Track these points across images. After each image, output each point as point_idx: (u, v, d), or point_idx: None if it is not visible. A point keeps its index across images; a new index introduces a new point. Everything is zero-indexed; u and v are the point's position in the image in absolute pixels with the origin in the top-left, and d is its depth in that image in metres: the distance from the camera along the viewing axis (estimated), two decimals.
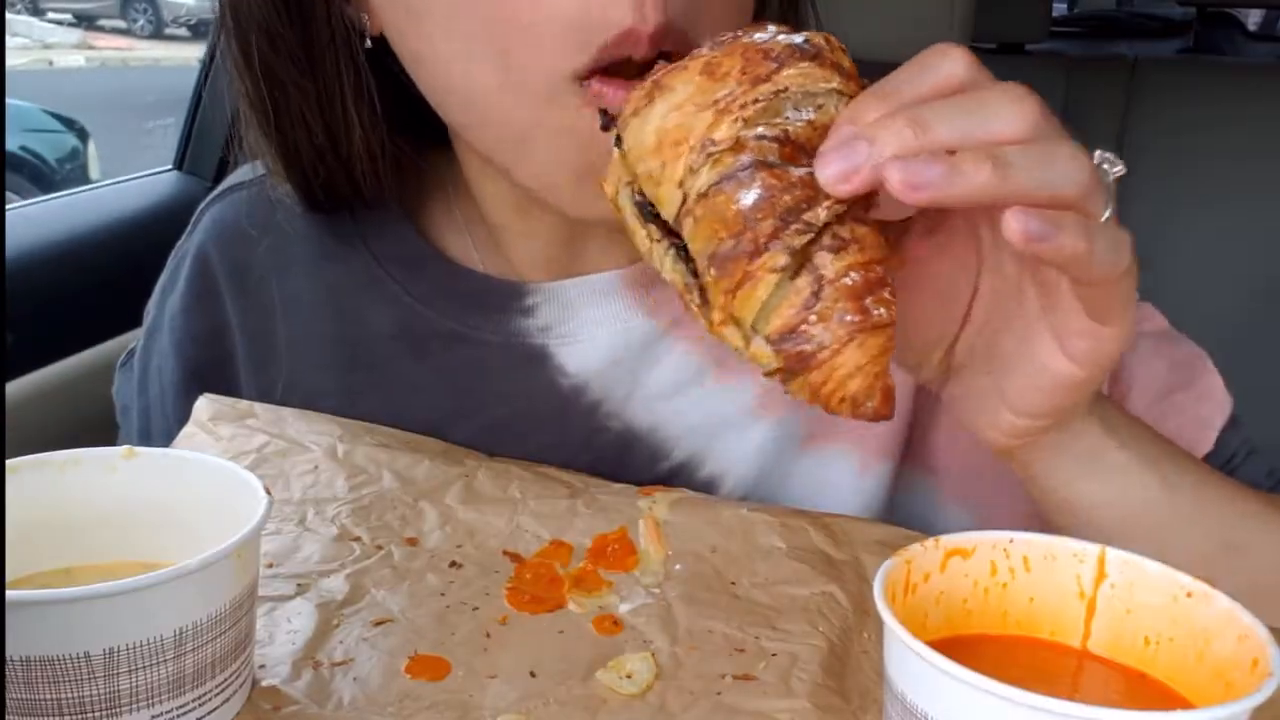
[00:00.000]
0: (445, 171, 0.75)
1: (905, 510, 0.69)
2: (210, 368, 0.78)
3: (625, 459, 0.70)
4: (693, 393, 0.70)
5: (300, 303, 0.76)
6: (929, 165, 0.42)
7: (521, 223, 0.70)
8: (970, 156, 0.42)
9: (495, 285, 0.72)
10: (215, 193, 0.82)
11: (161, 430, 0.78)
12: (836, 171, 0.43)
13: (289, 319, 0.76)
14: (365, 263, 0.74)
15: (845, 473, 0.69)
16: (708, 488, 0.69)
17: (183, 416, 0.72)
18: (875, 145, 0.43)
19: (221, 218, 0.80)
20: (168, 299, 0.81)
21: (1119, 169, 0.48)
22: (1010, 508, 0.67)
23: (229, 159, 1.56)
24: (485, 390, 0.72)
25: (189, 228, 0.82)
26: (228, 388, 0.77)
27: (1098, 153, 0.47)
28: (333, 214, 0.75)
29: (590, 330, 0.70)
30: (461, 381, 0.72)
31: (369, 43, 0.66)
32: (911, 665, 0.40)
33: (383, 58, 0.66)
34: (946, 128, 0.43)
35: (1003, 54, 2.17)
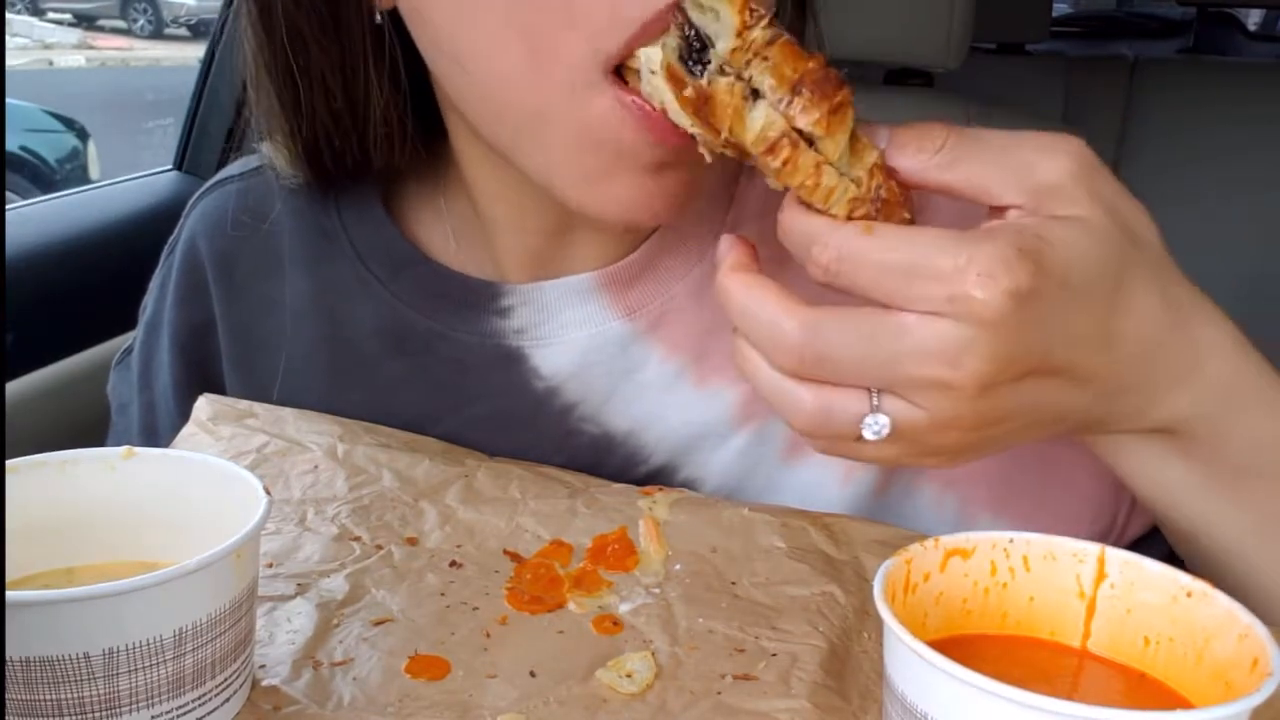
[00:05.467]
0: (436, 158, 0.73)
1: (917, 520, 0.67)
2: (207, 363, 0.78)
3: (601, 462, 0.69)
4: (671, 397, 0.69)
5: (288, 302, 0.75)
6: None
7: (512, 216, 0.69)
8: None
9: (473, 285, 0.72)
10: (206, 185, 0.82)
11: (168, 426, 0.78)
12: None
13: (277, 318, 0.76)
14: (350, 262, 0.74)
15: (828, 483, 0.68)
16: None
17: (187, 411, 0.72)
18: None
19: (211, 209, 0.79)
20: (165, 293, 0.81)
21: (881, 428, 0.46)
22: (1054, 517, 0.66)
23: (229, 159, 1.56)
24: (462, 390, 0.71)
25: (181, 220, 0.82)
26: (218, 385, 0.77)
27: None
28: (320, 208, 0.75)
29: (566, 333, 0.69)
30: (440, 380, 0.72)
31: (379, 18, 0.63)
32: (911, 665, 0.40)
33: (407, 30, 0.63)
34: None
35: (1003, 54, 2.16)
